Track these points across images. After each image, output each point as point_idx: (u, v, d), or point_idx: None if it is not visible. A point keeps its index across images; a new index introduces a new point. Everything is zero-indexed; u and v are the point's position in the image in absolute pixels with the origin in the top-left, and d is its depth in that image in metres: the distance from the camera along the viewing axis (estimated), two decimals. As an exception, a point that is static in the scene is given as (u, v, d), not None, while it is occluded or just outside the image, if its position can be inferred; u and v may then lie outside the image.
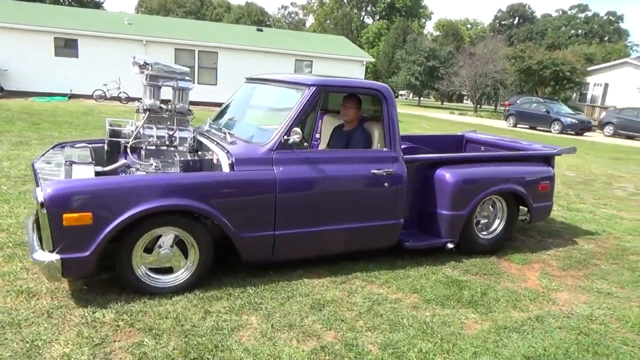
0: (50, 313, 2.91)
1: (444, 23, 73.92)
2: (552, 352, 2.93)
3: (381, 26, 68.15)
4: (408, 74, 48.66)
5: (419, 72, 47.98)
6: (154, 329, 2.81)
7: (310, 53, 21.39)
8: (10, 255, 3.72)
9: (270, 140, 3.47)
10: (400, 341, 2.91)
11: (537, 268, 4.38)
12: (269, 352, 2.67)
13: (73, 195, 2.85)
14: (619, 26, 71.16)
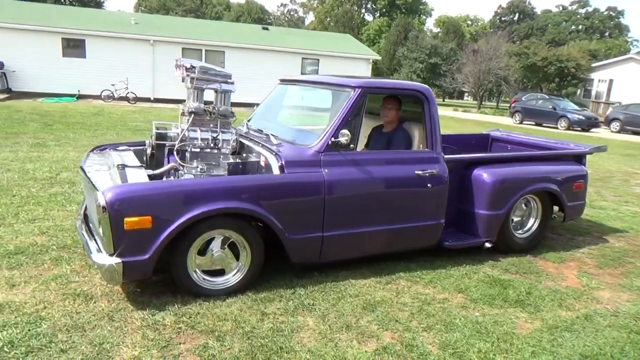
0: (111, 316, 2.94)
1: (444, 20, 73.82)
2: (608, 351, 2.96)
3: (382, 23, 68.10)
4: (410, 71, 48.71)
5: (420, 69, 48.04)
6: (215, 331, 2.83)
7: (316, 51, 21.40)
8: (57, 258, 3.75)
9: (317, 142, 3.49)
10: (457, 341, 2.93)
11: (574, 266, 4.41)
12: (333, 354, 2.70)
13: (134, 199, 2.88)
14: (619, 22, 71.10)
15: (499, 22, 78.10)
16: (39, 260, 3.70)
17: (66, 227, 4.46)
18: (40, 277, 3.41)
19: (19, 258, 3.72)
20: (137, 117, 14.97)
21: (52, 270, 3.54)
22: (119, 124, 12.89)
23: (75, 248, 3.98)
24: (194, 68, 3.64)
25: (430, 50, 48.74)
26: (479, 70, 32.86)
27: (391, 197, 3.73)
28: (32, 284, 3.30)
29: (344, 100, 3.59)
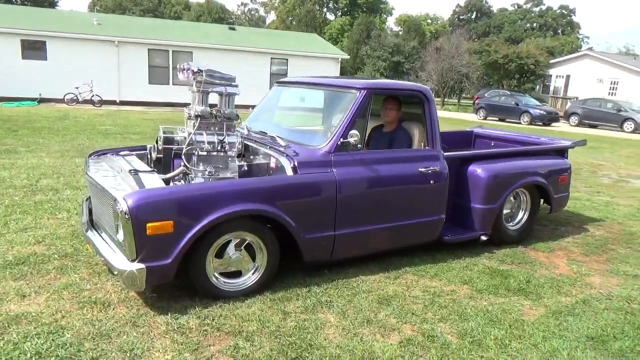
0: (134, 322, 2.93)
1: (405, 18, 74.99)
2: (610, 332, 3.16)
3: (344, 22, 68.61)
4: (373, 70, 49.29)
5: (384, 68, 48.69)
6: (242, 332, 2.87)
7: (285, 51, 21.41)
8: (61, 267, 3.69)
9: (327, 142, 3.57)
10: (473, 330, 3.08)
11: (563, 255, 4.65)
12: (362, 348, 2.79)
13: (156, 203, 2.88)
14: (571, 19, 73.93)
15: (458, 21, 79.98)
16: (43, 270, 3.63)
17: (62, 235, 4.38)
18: (50, 287, 3.35)
19: (22, 268, 3.63)
20: (105, 120, 14.60)
21: (60, 280, 3.48)
22: (87, 128, 12.54)
23: (78, 256, 3.92)
24: (201, 72, 3.64)
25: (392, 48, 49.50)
26: (442, 68, 33.56)
27: (397, 194, 3.84)
28: (43, 294, 3.25)
29: (351, 102, 3.68)
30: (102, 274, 3.59)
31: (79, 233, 4.42)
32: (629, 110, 21.45)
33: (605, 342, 3.03)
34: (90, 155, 4.25)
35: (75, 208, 5.22)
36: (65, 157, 8.19)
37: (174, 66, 19.96)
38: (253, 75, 20.74)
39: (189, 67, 3.63)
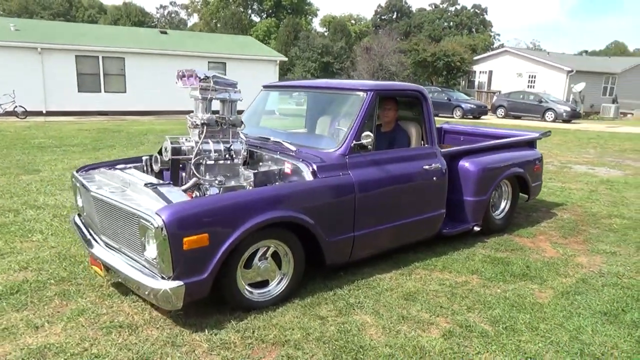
0: (172, 342, 2.80)
1: (330, 19, 76.12)
2: (617, 307, 3.43)
3: (270, 24, 68.48)
4: (304, 71, 49.69)
5: (314, 69, 49.22)
6: (288, 341, 2.83)
7: (223, 55, 21.01)
8: (63, 292, 3.43)
9: (341, 145, 3.59)
10: (501, 316, 3.22)
11: (545, 239, 4.96)
12: (412, 344, 2.84)
13: (191, 217, 2.77)
14: (484, 18, 78.29)
15: (380, 21, 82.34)
16: (45, 298, 3.36)
17: (47, 258, 4.06)
18: (61, 315, 3.12)
19: (19, 298, 3.35)
20: (36, 133, 13.62)
21: (68, 306, 3.25)
22: (18, 142, 11.62)
23: (76, 280, 3.66)
24: (208, 78, 3.53)
25: (321, 49, 50.16)
26: (372, 67, 34.44)
27: (406, 193, 3.94)
28: (58, 323, 3.01)
29: (359, 104, 3.72)
30: (114, 296, 3.38)
31: (67, 255, 4.14)
32: (549, 101, 23.15)
33: (617, 316, 3.29)
34: (79, 171, 3.99)
35: (48, 229, 4.86)
36: (8, 175, 7.56)
37: (105, 73, 18.99)
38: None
39: (195, 74, 3.51)
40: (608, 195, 7.07)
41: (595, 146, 13.14)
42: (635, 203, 6.62)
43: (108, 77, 19.00)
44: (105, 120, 17.92)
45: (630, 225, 5.51)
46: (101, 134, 13.56)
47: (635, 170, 9.48)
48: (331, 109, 4.09)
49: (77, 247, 4.37)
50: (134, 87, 19.31)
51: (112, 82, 19.11)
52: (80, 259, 4.07)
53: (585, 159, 11.01)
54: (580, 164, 10.10)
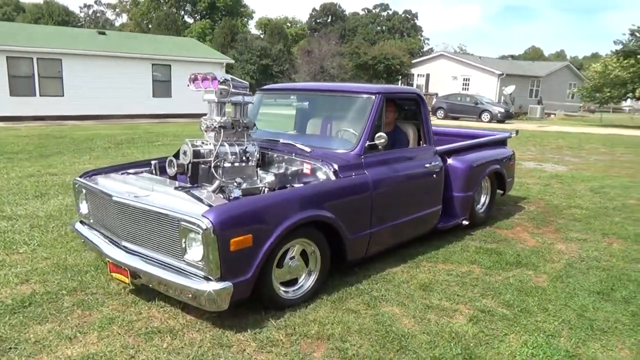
0: (220, 343, 2.82)
1: (265, 22, 75.96)
2: (606, 286, 3.81)
3: (204, 26, 67.29)
4: (243, 73, 49.28)
5: (253, 71, 48.95)
6: (332, 335, 2.93)
7: (167, 57, 20.45)
8: (81, 302, 3.34)
9: (356, 145, 3.74)
10: (514, 300, 3.50)
11: (522, 230, 5.37)
12: (447, 330, 3.03)
13: (236, 218, 2.81)
14: (415, 22, 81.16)
15: (315, 24, 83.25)
16: (64, 309, 3.25)
17: (46, 270, 3.90)
18: (90, 325, 3.04)
19: (35, 311, 3.22)
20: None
21: (92, 316, 3.16)
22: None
23: (88, 289, 3.56)
24: (227, 81, 3.56)
25: (260, 52, 49.94)
26: (313, 70, 34.83)
27: (412, 190, 4.15)
28: (90, 333, 2.94)
29: (369, 106, 3.88)
30: (138, 302, 3.33)
31: (66, 265, 3.99)
32: (484, 103, 24.53)
33: (609, 294, 3.67)
34: (83, 176, 3.87)
35: (31, 240, 4.63)
36: (-41, 185, 7.07)
37: (40, 75, 17.93)
38: (134, 83, 19.53)
39: (214, 77, 3.52)
40: (561, 189, 7.70)
41: (535, 144, 14.12)
42: (587, 195, 7.26)
43: (44, 80, 17.93)
44: (43, 125, 16.94)
45: (590, 214, 6.06)
46: (43, 140, 12.84)
47: (576, 166, 10.34)
48: (339, 111, 4.22)
49: (74, 256, 4.22)
50: (72, 90, 18.37)
51: (48, 85, 18.05)
52: (84, 268, 3.94)
53: (530, 156, 11.83)
54: (527, 161, 10.85)
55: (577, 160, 11.32)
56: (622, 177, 8.86)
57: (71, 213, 5.59)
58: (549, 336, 3.03)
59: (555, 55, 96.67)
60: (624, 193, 7.40)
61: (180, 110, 20.61)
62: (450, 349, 2.83)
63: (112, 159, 9.85)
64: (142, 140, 13.59)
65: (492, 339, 2.97)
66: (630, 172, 9.57)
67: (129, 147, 11.91)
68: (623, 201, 6.85)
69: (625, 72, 21.42)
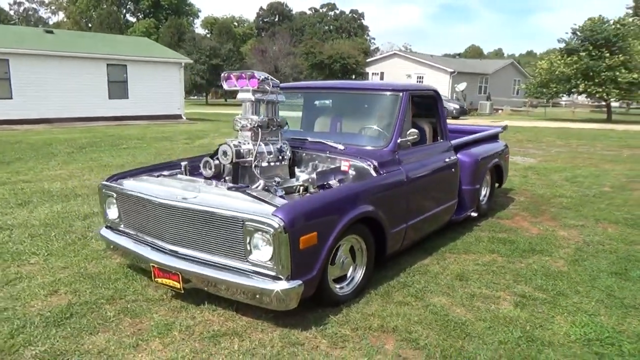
0: (292, 342, 2.83)
1: (212, 21, 74.65)
2: (619, 267, 4.08)
3: (149, 25, 65.29)
4: (192, 73, 48.20)
5: (203, 71, 47.98)
6: (397, 327, 3.00)
7: (123, 57, 19.70)
8: (126, 310, 3.24)
9: (390, 142, 3.81)
10: (546, 285, 3.70)
11: (521, 219, 5.64)
12: (500, 316, 3.17)
13: (304, 216, 2.82)
14: (361, 22, 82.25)
15: (262, 24, 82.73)
16: (111, 318, 3.13)
17: (70, 280, 3.73)
18: (147, 332, 2.95)
19: (80, 322, 3.09)
20: None
21: (144, 323, 3.08)
22: None
23: (127, 296, 3.45)
24: (267, 80, 3.54)
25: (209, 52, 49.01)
26: (268, 70, 34.64)
27: (437, 183, 4.29)
28: (151, 340, 2.86)
29: (397, 104, 3.97)
30: (187, 307, 3.27)
31: (92, 274, 3.84)
32: None
33: (625, 274, 3.94)
34: (110, 180, 3.73)
35: (38, 250, 4.40)
36: None
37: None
38: (88, 84, 18.71)
39: (255, 75, 3.49)
40: (539, 179, 8.11)
41: (496, 138, 14.75)
42: (565, 184, 7.69)
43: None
44: (-9, 130, 15.94)
45: (576, 202, 6.44)
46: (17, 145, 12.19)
47: (543, 157, 10.90)
48: (365, 109, 4.27)
49: (93, 264, 4.07)
50: (21, 92, 17.36)
51: (-6, 87, 17.00)
52: (112, 275, 3.80)
53: (496, 150, 12.34)
54: (496, 155, 11.31)
55: (541, 152, 11.93)
56: (588, 167, 9.45)
57: (69, 220, 5.35)
58: (591, 315, 3.23)
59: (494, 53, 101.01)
60: (596, 182, 7.90)
61: (138, 112, 19.96)
62: (511, 333, 2.97)
63: (83, 164, 9.47)
64: (106, 143, 13.09)
65: (543, 322, 3.13)
66: (593, 162, 10.21)
67: (94, 152, 11.45)
68: (599, 189, 7.31)
69: (569, 68, 22.75)
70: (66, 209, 5.90)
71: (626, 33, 21.88)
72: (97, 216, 5.54)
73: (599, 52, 21.89)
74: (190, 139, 14.53)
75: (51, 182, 7.62)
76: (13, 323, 3.06)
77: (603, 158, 10.80)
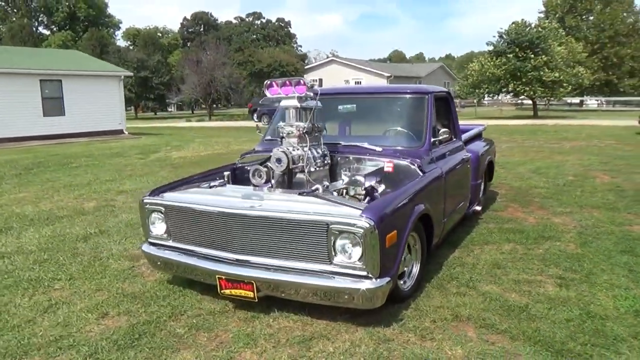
0: (382, 339, 2.90)
1: (134, 32, 72.08)
2: (625, 246, 4.49)
3: (66, 37, 61.92)
4: (120, 86, 46.33)
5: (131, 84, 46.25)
6: (471, 316, 3.16)
7: (58, 71, 18.55)
8: (196, 325, 3.17)
9: (425, 142, 3.99)
10: (573, 266, 4.02)
11: (514, 210, 6.03)
12: (553, 297, 3.42)
13: (388, 216, 2.92)
14: (289, 30, 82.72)
15: (187, 34, 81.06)
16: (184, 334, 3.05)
17: (113, 301, 3.59)
18: (232, 344, 2.91)
19: (154, 340, 3.00)
20: None
21: (223, 335, 3.03)
22: None
23: (188, 310, 3.38)
24: (314, 86, 3.59)
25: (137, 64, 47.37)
26: (204, 80, 34.04)
27: (460, 178, 4.53)
28: (242, 352, 2.84)
29: (425, 105, 4.16)
30: (257, 317, 3.24)
31: (134, 293, 3.70)
32: None
33: (633, 251, 4.36)
34: (153, 195, 3.62)
35: (53, 275, 4.17)
36: None
37: None
38: (19, 102, 17.49)
39: (298, 82, 3.55)
40: (508, 173, 8.67)
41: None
42: (534, 176, 8.28)
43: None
44: None
45: (553, 192, 6.97)
46: None
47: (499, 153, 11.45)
48: (393, 112, 4.41)
49: (128, 283, 3.92)
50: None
51: None
52: (157, 292, 3.70)
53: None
54: (455, 153, 11.91)
55: (493, 149, 12.67)
56: (544, 160, 10.20)
57: (69, 243, 5.09)
58: (626, 289, 3.57)
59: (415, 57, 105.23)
60: (560, 172, 8.58)
61: (76, 129, 18.91)
62: (571, 311, 3.22)
63: (42, 185, 8.91)
64: (53, 163, 12.34)
65: (591, 299, 3.42)
66: (545, 154, 11.04)
67: (44, 172, 10.75)
68: (565, 179, 7.95)
69: (498, 69, 24.35)
70: (57, 232, 5.57)
71: (547, 35, 23.81)
72: (99, 236, 5.30)
73: (524, 54, 23.64)
74: (143, 153, 14.03)
75: (20, 205, 7.12)
76: (80, 350, 2.90)
77: (552, 151, 11.70)
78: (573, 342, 2.84)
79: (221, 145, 15.84)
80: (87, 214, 6.43)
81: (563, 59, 24.31)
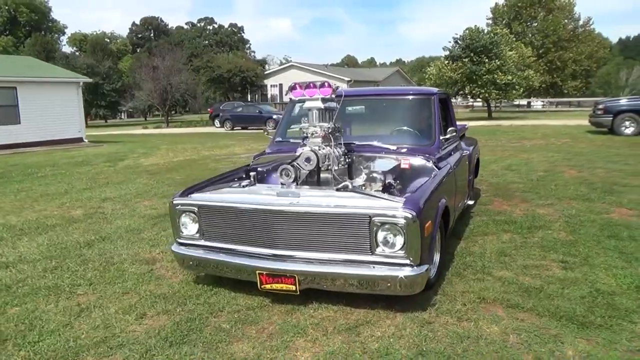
0: (424, 322, 3.11)
1: (80, 37, 69.67)
2: (610, 232, 4.90)
3: (7, 43, 59.07)
4: (71, 94, 44.75)
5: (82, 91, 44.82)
6: (496, 298, 3.42)
7: (10, 78, 17.74)
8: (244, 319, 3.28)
9: (435, 139, 4.26)
10: (570, 251, 4.38)
11: (500, 204, 6.41)
12: (562, 278, 3.75)
13: (425, 207, 3.13)
14: (242, 35, 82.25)
15: (137, 39, 79.18)
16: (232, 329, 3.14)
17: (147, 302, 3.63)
18: (280, 335, 3.04)
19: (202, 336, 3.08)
20: None
21: (269, 328, 3.16)
22: None
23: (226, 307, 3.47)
24: (338, 88, 3.77)
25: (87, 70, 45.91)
26: (162, 87, 33.43)
27: (462, 173, 4.82)
28: (294, 341, 2.97)
29: (432, 105, 4.43)
30: (298, 308, 3.38)
31: (165, 295, 3.76)
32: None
33: (617, 236, 4.78)
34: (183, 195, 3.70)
35: (70, 282, 4.15)
36: None
37: None
38: None
39: (323, 84, 3.72)
40: (483, 170, 8.95)
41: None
42: (507, 173, 8.77)
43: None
44: None
45: (529, 186, 7.43)
46: None
47: (466, 153, 12.13)
48: (401, 112, 4.65)
49: (154, 285, 3.96)
50: None
51: None
52: (188, 292, 3.77)
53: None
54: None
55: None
56: (511, 158, 10.79)
57: (73, 250, 5.04)
58: (623, 268, 3.95)
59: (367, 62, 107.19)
60: (530, 169, 9.12)
61: (33, 138, 18.17)
62: (582, 289, 3.55)
63: (16, 195, 8.61)
64: (17, 173, 11.87)
65: (595, 278, 3.77)
66: (511, 153, 11.66)
67: (11, 182, 10.35)
68: (537, 174, 8.47)
69: (455, 73, 25.34)
70: (54, 240, 5.47)
71: (499, 41, 25.02)
72: (103, 243, 5.26)
73: (479, 58, 24.72)
74: (110, 161, 13.72)
75: (1, 216, 6.89)
76: (132, 349, 2.95)
77: (515, 149, 12.36)
78: (593, 315, 3.15)
79: (190, 151, 15.70)
80: (78, 222, 6.32)
81: (514, 63, 25.62)
